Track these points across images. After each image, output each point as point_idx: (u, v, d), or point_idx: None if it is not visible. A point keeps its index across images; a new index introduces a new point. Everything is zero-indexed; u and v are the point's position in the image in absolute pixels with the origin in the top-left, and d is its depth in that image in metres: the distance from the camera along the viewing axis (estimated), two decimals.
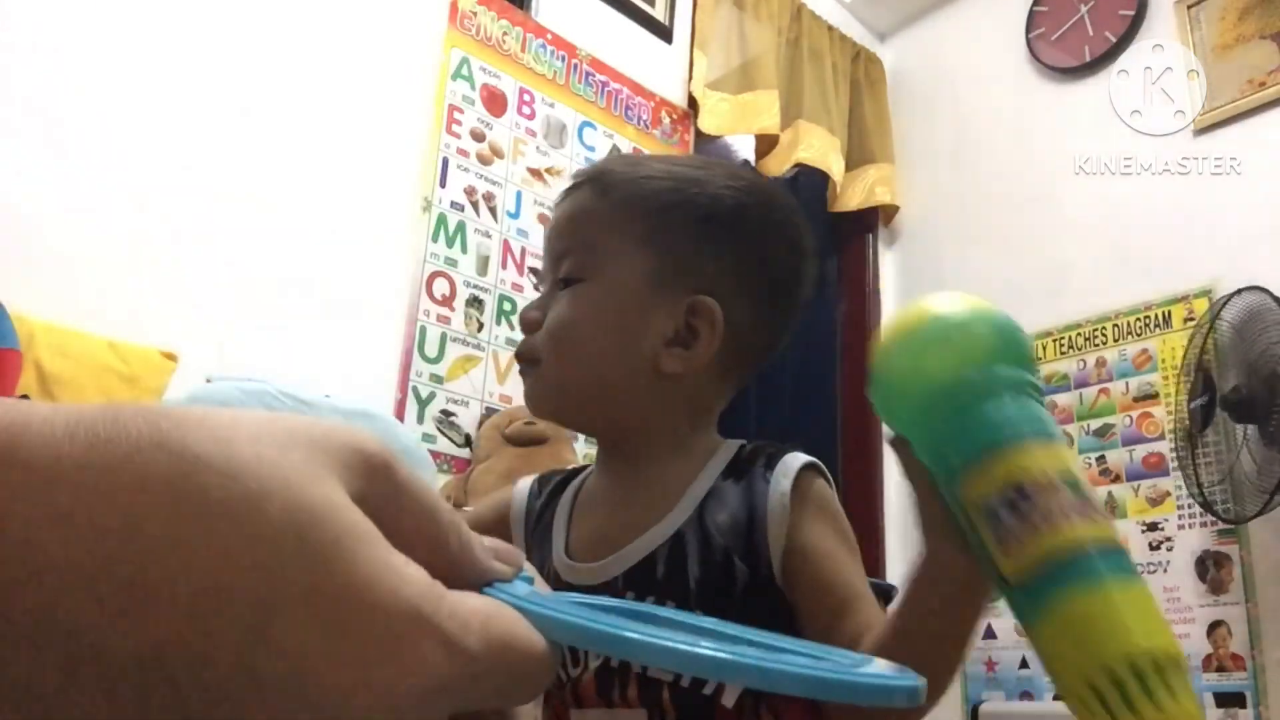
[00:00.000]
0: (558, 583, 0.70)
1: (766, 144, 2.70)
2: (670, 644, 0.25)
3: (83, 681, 0.20)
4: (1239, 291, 2.03)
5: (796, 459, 0.69)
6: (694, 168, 0.76)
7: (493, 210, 2.15)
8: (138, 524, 0.20)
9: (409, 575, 0.23)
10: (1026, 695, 2.38)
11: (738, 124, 2.63)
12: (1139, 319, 2.44)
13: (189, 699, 0.21)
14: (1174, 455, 2.22)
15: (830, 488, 0.70)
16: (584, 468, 0.80)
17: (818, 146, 2.79)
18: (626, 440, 0.73)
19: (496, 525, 0.79)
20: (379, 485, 0.25)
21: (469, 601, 0.25)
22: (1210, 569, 2.17)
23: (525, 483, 0.82)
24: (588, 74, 2.41)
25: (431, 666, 0.23)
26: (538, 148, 2.27)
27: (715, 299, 0.70)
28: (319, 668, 0.21)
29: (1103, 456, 2.41)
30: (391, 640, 0.22)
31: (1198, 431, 2.03)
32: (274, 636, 0.21)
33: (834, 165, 2.83)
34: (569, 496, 0.77)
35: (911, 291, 2.95)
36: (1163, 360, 2.36)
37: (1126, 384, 2.42)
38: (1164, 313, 2.39)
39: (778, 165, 2.69)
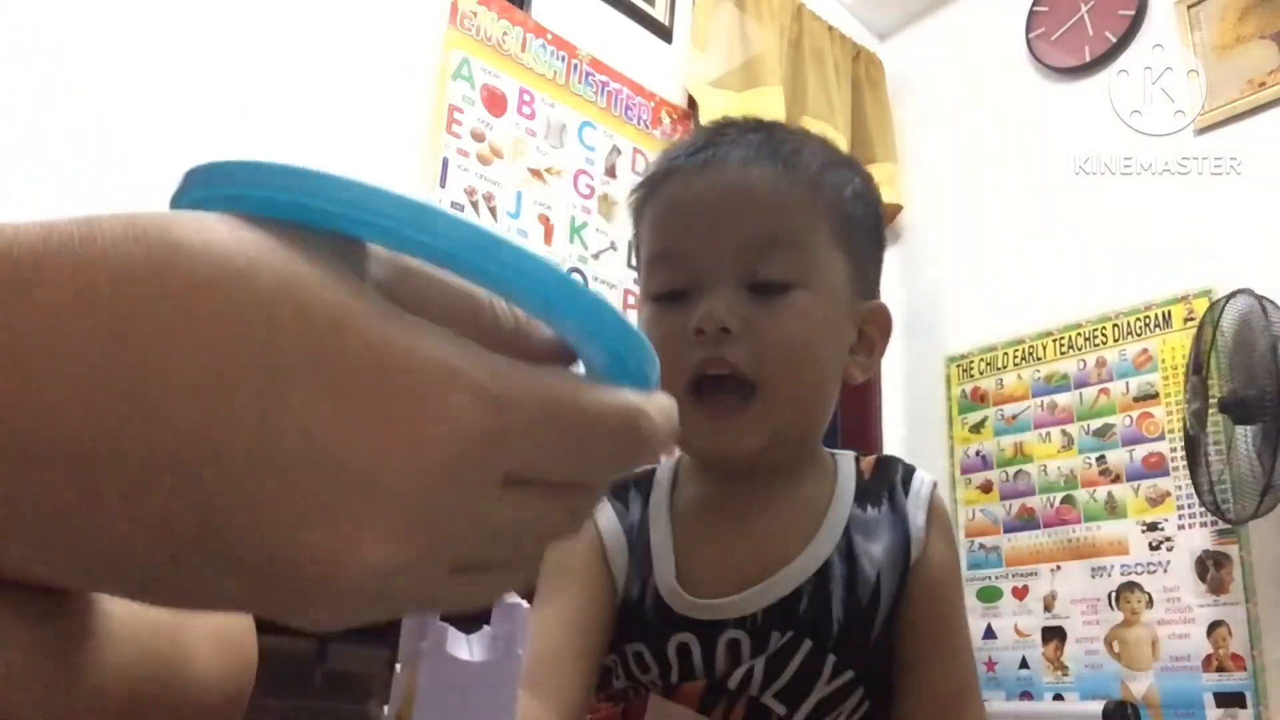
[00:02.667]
0: (667, 615, 0.62)
1: None
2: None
3: (101, 495, 0.19)
4: (1233, 294, 2.03)
5: (925, 481, 0.67)
6: (829, 150, 0.68)
7: (493, 210, 2.15)
8: (125, 321, 0.19)
9: (426, 330, 0.21)
10: (1026, 695, 2.38)
11: None
12: (1139, 319, 2.43)
13: (212, 494, 0.19)
14: (1175, 456, 2.21)
15: None
16: (648, 470, 0.71)
17: None
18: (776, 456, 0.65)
19: (599, 577, 0.65)
20: (383, 270, 0.23)
21: (505, 358, 0.22)
22: (1210, 569, 2.17)
23: (605, 509, 0.68)
24: (588, 74, 2.41)
25: (462, 418, 0.20)
26: (538, 148, 2.27)
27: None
28: (340, 437, 0.20)
29: (1103, 456, 2.41)
30: (412, 397, 0.20)
31: (1196, 433, 2.03)
32: (287, 413, 0.19)
33: None
34: (662, 510, 0.67)
35: (912, 291, 2.95)
36: (1163, 360, 2.36)
37: (1126, 384, 2.42)
38: (1164, 313, 2.39)
39: None
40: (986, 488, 2.62)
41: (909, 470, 0.68)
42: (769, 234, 0.61)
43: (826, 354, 0.63)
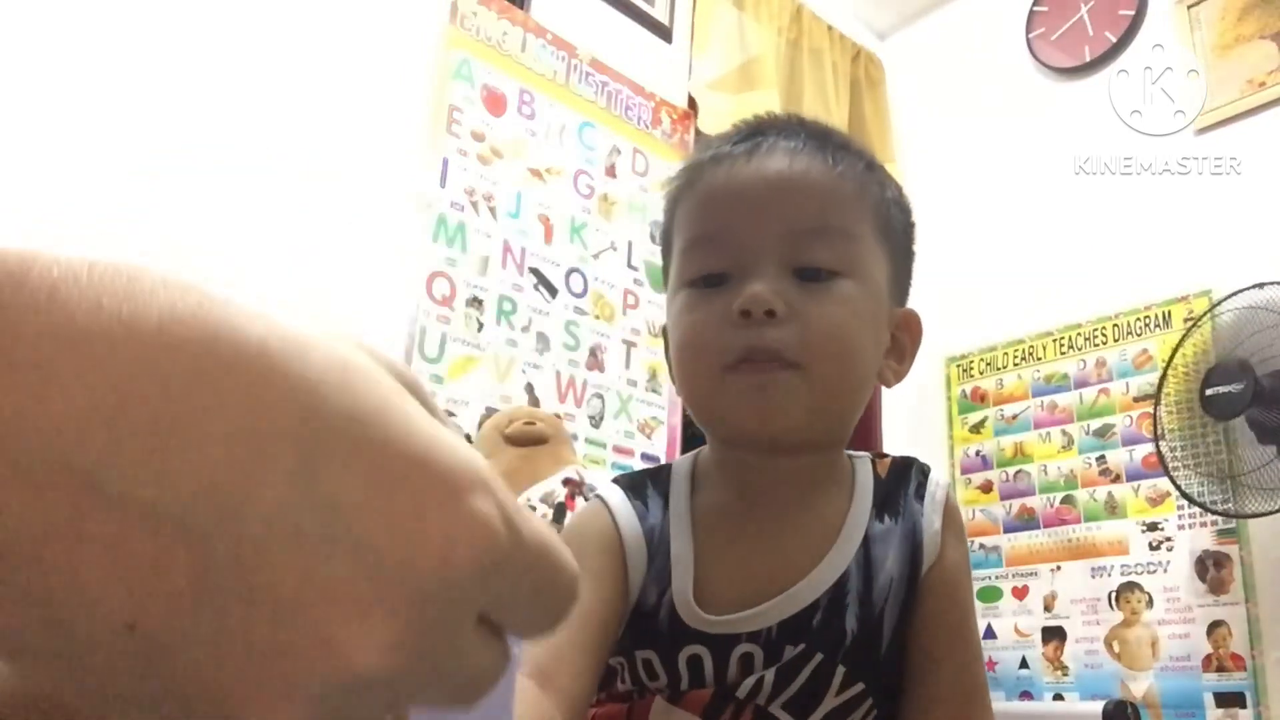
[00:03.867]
0: (681, 627, 0.61)
1: None
2: None
3: (90, 531, 0.17)
4: (1257, 286, 2.01)
5: (940, 485, 0.66)
6: (863, 152, 0.67)
7: (492, 210, 2.15)
8: (163, 357, 0.18)
9: (463, 441, 0.21)
10: (1026, 695, 2.38)
11: None
12: (1139, 319, 2.44)
13: (216, 553, 0.18)
14: (1170, 450, 2.20)
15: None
16: (663, 469, 0.69)
17: None
18: (800, 457, 0.63)
19: (613, 576, 0.63)
20: (413, 390, 0.23)
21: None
22: (1210, 569, 2.17)
23: (619, 500, 0.66)
24: (588, 74, 2.41)
25: (484, 525, 0.20)
26: (538, 148, 2.27)
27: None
28: (371, 522, 0.19)
29: (1103, 456, 2.41)
30: (450, 493, 0.20)
31: (1215, 420, 1.99)
32: (318, 486, 0.19)
33: None
34: (683, 516, 0.65)
35: (912, 291, 2.95)
36: (1163, 360, 2.36)
37: (1126, 384, 2.42)
38: (1164, 313, 2.39)
39: None
40: (986, 488, 2.62)
41: (924, 473, 0.67)
42: (819, 221, 0.60)
43: (868, 346, 0.62)
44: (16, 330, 0.17)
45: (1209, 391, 1.99)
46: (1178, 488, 2.03)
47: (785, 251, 0.59)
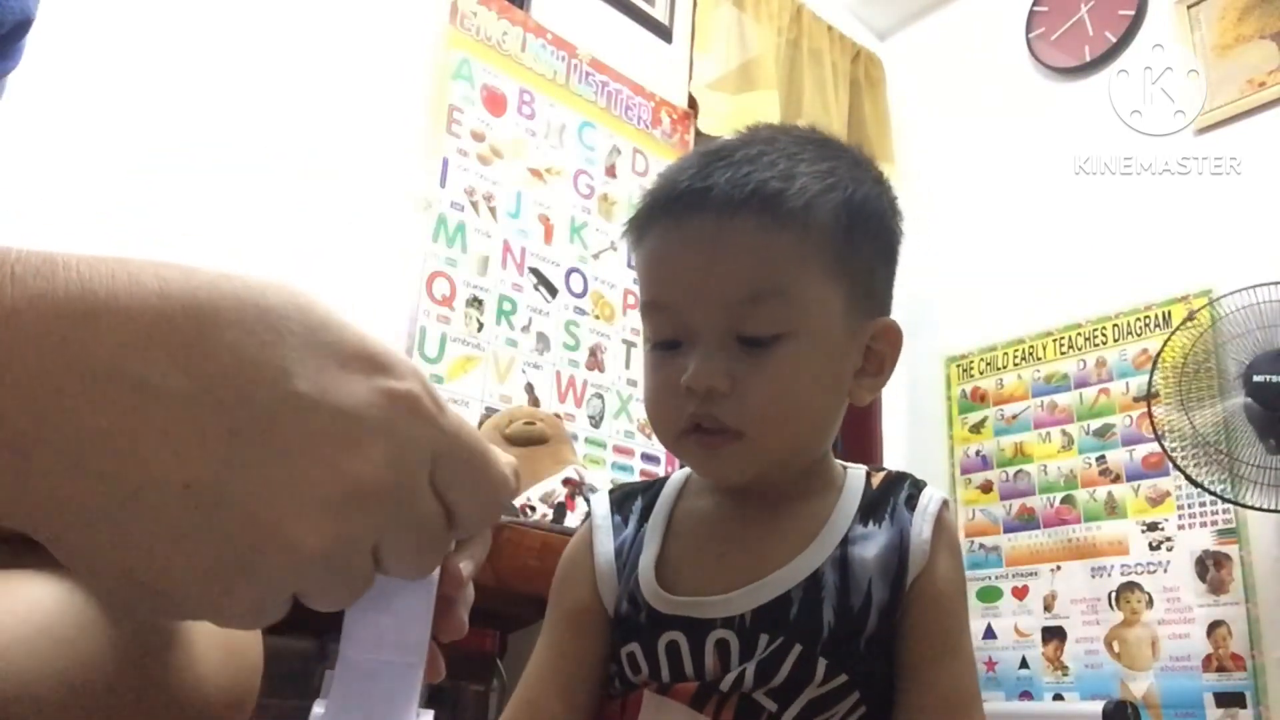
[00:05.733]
0: (656, 615, 0.64)
1: None
2: None
3: (145, 419, 0.25)
4: (1266, 285, 2.00)
5: (935, 499, 0.67)
6: (829, 160, 0.64)
7: (493, 210, 2.15)
8: (169, 300, 0.27)
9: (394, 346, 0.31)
10: (1026, 695, 2.38)
11: (737, 124, 2.62)
12: (1139, 319, 2.44)
13: (243, 421, 0.27)
14: (1177, 452, 2.20)
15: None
16: (658, 481, 0.73)
17: None
18: (771, 487, 0.66)
19: (588, 611, 0.67)
20: None
21: None
22: (1210, 569, 2.17)
23: (602, 515, 0.71)
24: (588, 74, 2.41)
25: (415, 393, 0.30)
26: (537, 148, 2.27)
27: (887, 314, 0.66)
28: (342, 388, 0.28)
29: (1103, 456, 2.41)
30: (386, 370, 0.30)
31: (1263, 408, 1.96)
32: (301, 371, 0.28)
33: None
34: (660, 521, 0.69)
35: (911, 291, 2.95)
36: (1163, 360, 2.35)
37: (1126, 384, 2.42)
38: (1164, 313, 2.39)
39: None
40: (986, 488, 2.62)
41: (918, 486, 0.68)
42: (750, 289, 0.60)
43: (817, 398, 0.64)
44: (69, 295, 0.25)
45: (1257, 379, 1.93)
46: (1181, 470, 2.00)
47: (725, 321, 0.60)
